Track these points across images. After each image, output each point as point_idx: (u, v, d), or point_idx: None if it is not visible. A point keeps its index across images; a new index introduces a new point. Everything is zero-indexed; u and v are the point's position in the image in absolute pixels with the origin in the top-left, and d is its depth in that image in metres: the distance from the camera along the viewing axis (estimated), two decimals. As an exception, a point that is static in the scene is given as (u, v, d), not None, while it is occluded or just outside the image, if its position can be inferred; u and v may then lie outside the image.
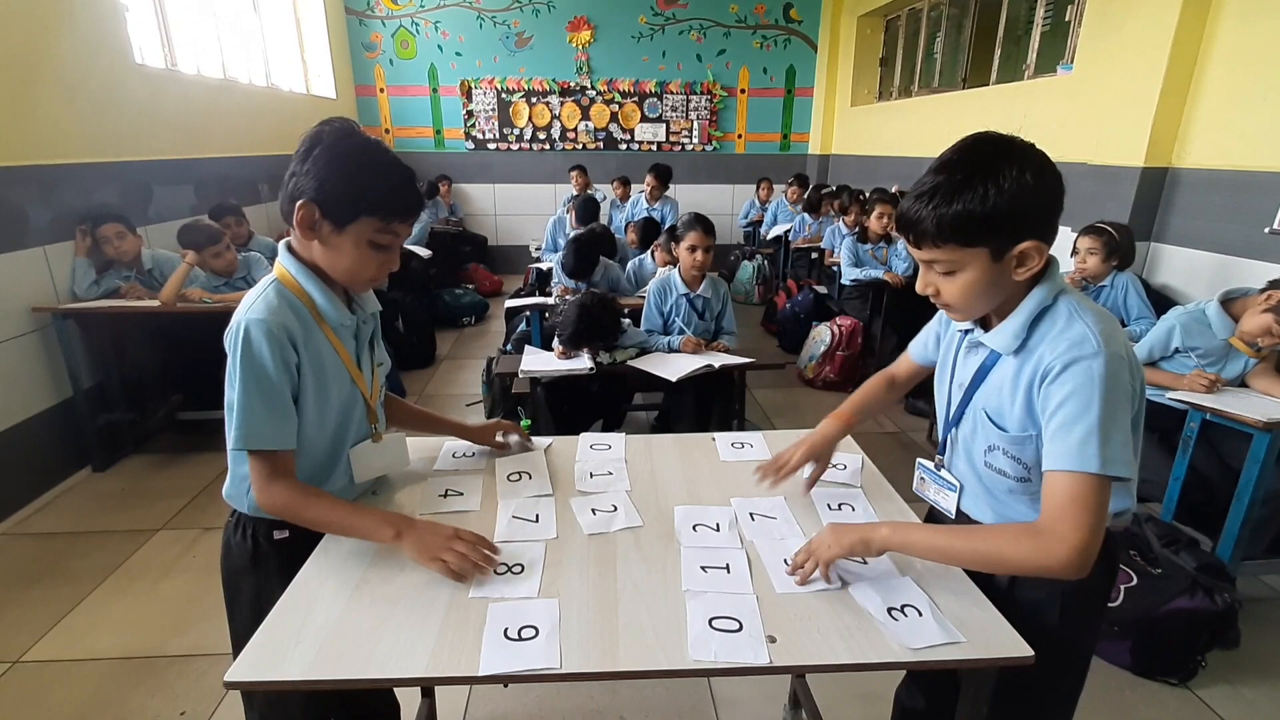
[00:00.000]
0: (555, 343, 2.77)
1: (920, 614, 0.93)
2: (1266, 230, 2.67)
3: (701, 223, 2.77)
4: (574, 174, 6.00)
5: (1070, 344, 0.89)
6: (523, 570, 1.04)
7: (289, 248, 1.10)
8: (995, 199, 0.85)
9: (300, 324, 1.05)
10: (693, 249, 2.77)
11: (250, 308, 1.03)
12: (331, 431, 1.14)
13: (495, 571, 1.03)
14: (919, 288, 1.00)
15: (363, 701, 1.39)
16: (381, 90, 6.97)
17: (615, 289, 3.49)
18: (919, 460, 1.21)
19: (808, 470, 1.28)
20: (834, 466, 1.33)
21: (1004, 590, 1.02)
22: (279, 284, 1.07)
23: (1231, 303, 2.21)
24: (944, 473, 1.15)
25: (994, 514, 1.07)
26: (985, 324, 1.02)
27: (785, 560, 1.06)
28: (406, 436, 1.32)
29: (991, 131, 0.91)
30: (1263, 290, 2.14)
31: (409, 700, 1.57)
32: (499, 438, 1.47)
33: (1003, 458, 1.00)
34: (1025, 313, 0.94)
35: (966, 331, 1.05)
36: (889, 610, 0.94)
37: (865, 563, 1.05)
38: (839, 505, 1.25)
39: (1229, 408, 1.99)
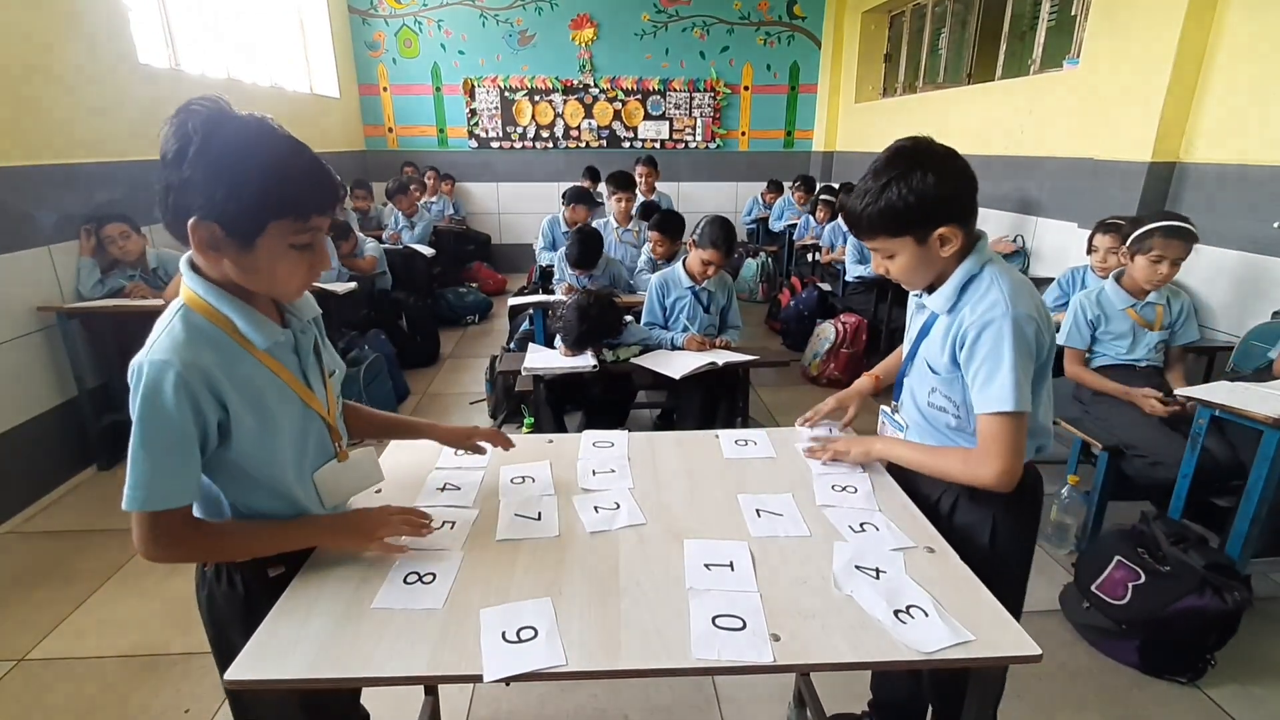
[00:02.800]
0: (557, 344, 2.76)
1: (926, 614, 0.92)
2: (1276, 225, 2.65)
3: (727, 244, 2.73)
4: (588, 182, 5.89)
5: (985, 309, 1.08)
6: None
7: (193, 264, 0.92)
8: (907, 198, 1.06)
9: (220, 357, 0.89)
10: (707, 264, 2.76)
11: (152, 346, 0.87)
12: (291, 464, 1.00)
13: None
14: (874, 268, 1.22)
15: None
16: (385, 89, 6.98)
17: (616, 284, 3.49)
18: (881, 407, 1.41)
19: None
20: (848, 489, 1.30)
21: (945, 516, 1.22)
22: (187, 310, 0.90)
23: (1120, 278, 2.43)
24: (897, 415, 1.34)
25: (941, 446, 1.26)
26: (931, 290, 1.20)
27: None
28: (402, 441, 1.29)
29: (911, 137, 1.10)
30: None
31: (411, 701, 1.57)
32: (479, 443, 1.33)
33: (941, 397, 1.21)
34: (955, 281, 1.13)
35: (918, 296, 1.26)
36: (895, 613, 0.93)
37: (877, 577, 1.00)
38: (842, 488, 1.28)
39: (1237, 403, 1.97)
